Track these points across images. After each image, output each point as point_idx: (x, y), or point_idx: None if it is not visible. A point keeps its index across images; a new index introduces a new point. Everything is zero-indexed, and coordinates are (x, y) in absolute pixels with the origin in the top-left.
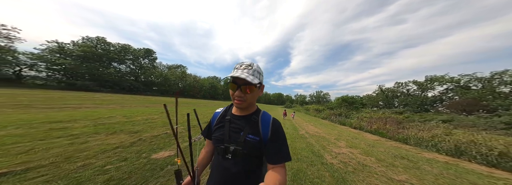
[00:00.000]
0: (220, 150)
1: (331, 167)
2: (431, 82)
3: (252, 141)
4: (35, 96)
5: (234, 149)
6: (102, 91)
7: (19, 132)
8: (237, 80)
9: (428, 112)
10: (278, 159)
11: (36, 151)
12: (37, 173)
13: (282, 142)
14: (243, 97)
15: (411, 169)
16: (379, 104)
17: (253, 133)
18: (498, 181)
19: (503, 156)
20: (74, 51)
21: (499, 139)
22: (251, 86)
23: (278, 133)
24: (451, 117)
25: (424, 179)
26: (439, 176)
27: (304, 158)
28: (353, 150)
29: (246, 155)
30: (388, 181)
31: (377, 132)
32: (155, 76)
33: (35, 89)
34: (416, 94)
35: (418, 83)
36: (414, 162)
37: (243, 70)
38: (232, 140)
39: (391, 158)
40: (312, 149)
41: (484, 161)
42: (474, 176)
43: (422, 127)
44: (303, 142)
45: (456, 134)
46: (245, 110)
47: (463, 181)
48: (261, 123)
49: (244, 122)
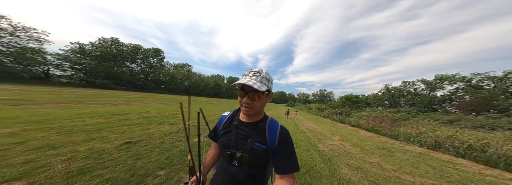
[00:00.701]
0: (227, 156)
1: (322, 153)
2: (440, 81)
3: (259, 149)
4: (74, 94)
5: (241, 156)
6: (117, 89)
7: (102, 120)
8: (245, 87)
9: (436, 112)
10: (286, 169)
11: (128, 133)
12: (143, 144)
13: (290, 151)
14: (250, 104)
15: (385, 156)
16: (385, 104)
17: (260, 141)
18: (451, 165)
19: (470, 148)
20: (93, 52)
21: (473, 135)
22: (259, 93)
23: (286, 142)
24: (459, 117)
25: (390, 162)
26: (404, 160)
27: (301, 147)
28: (344, 143)
29: (252, 163)
30: (362, 161)
31: (373, 129)
32: (163, 74)
33: (64, 87)
34: (424, 93)
35: (426, 82)
36: (391, 152)
37: (251, 77)
38: (239, 146)
39: (374, 148)
40: (309, 141)
41: (454, 152)
42: (434, 161)
43: (414, 125)
44: (302, 136)
45: (439, 131)
46: (253, 117)
47: (420, 163)
48: (268, 131)
49: (251, 129)
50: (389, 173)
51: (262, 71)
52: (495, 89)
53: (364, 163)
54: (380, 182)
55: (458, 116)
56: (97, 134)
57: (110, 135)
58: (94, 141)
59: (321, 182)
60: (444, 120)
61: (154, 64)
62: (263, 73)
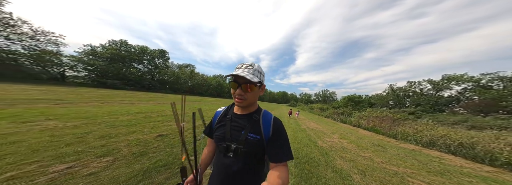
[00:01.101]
0: (222, 148)
1: (320, 148)
2: (448, 81)
3: (253, 139)
4: (93, 94)
5: (236, 147)
6: (126, 89)
7: (131, 117)
8: (238, 79)
9: (443, 112)
10: (280, 157)
11: (156, 128)
12: (172, 137)
13: (284, 141)
14: (243, 95)
15: (378, 151)
16: (390, 104)
17: (254, 132)
18: (437, 159)
19: (460, 146)
20: (103, 53)
21: (465, 134)
22: (251, 85)
23: (280, 132)
24: (466, 118)
25: (381, 156)
26: (394, 155)
27: (302, 143)
28: (342, 140)
29: (247, 154)
30: (355, 155)
31: (372, 129)
32: (168, 75)
33: (79, 87)
34: (430, 94)
35: (433, 82)
36: (385, 148)
37: (243, 69)
38: (233, 138)
39: (369, 145)
40: (309, 138)
41: (446, 149)
42: (423, 156)
43: (412, 125)
44: (303, 134)
45: (434, 130)
46: (246, 109)
47: (409, 158)
48: (262, 121)
49: (245, 120)
50: (377, 164)
51: (254, 65)
52: (505, 89)
53: (357, 156)
54: (367, 170)
55: (465, 117)
56: (134, 128)
57: (144, 129)
58: (135, 133)
59: (318, 169)
60: (451, 121)
61: (159, 65)
62: (255, 66)
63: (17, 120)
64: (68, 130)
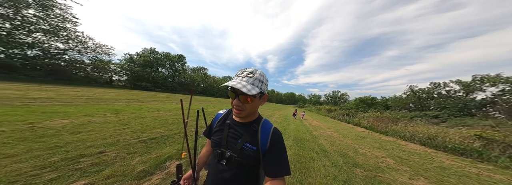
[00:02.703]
0: (216, 154)
1: (313, 135)
2: (481, 82)
3: (249, 150)
4: (141, 96)
5: (230, 155)
6: (155, 90)
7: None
8: (236, 89)
9: (474, 116)
10: (276, 172)
11: (193, 116)
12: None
13: (281, 154)
14: (241, 106)
15: (356, 139)
16: (410, 107)
17: (251, 142)
18: (398, 146)
19: (428, 138)
20: (138, 60)
21: (434, 130)
22: (249, 97)
23: (278, 144)
24: (497, 122)
25: (356, 141)
26: (368, 142)
27: (301, 131)
28: (333, 132)
29: (241, 164)
30: (335, 139)
31: (370, 127)
32: (185, 77)
33: (125, 89)
34: (458, 96)
35: (462, 83)
36: (364, 138)
37: (243, 78)
38: (229, 146)
39: (353, 136)
40: (308, 130)
41: (419, 142)
42: (390, 144)
43: (405, 124)
44: (304, 128)
45: (418, 127)
46: (246, 117)
47: (377, 143)
48: (260, 132)
49: (243, 129)
50: (346, 143)
51: (255, 72)
52: None
53: (336, 140)
54: (335, 144)
55: (496, 122)
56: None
57: None
58: None
59: (306, 142)
60: (481, 125)
61: (178, 68)
62: (256, 74)
63: (137, 111)
64: (166, 115)
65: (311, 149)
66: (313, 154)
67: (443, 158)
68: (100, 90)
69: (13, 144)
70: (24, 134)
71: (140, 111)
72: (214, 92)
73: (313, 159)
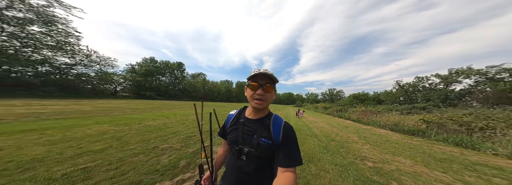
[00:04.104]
0: (235, 151)
1: (308, 127)
2: (457, 75)
3: (265, 144)
4: (153, 104)
5: (248, 151)
6: (159, 99)
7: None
8: (259, 79)
9: (456, 106)
10: (289, 162)
11: None
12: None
13: (293, 146)
14: (264, 95)
15: (342, 128)
16: (400, 100)
17: (265, 137)
18: (369, 131)
19: (395, 125)
20: (139, 70)
21: (400, 118)
22: (273, 86)
23: (290, 137)
24: (471, 111)
25: (341, 130)
26: (350, 130)
27: (299, 124)
28: (325, 125)
29: (259, 157)
30: (324, 129)
31: (357, 120)
32: (186, 84)
33: (130, 99)
34: (440, 88)
35: (441, 77)
36: (348, 128)
37: (264, 71)
38: (246, 142)
39: (340, 127)
40: (305, 124)
41: (388, 128)
42: (367, 131)
43: (381, 115)
44: (302, 122)
45: (391, 117)
46: (258, 114)
47: (354, 129)
48: (272, 126)
49: (257, 125)
50: (333, 132)
51: (268, 70)
52: None
53: (326, 129)
54: (323, 131)
55: (470, 111)
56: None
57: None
58: None
59: (303, 130)
60: (460, 115)
61: (178, 76)
62: (270, 72)
63: (173, 115)
64: (175, 122)
65: (306, 134)
66: (307, 137)
67: (394, 136)
68: (118, 101)
69: (152, 132)
70: (148, 128)
71: (177, 116)
72: (215, 97)
73: (307, 139)
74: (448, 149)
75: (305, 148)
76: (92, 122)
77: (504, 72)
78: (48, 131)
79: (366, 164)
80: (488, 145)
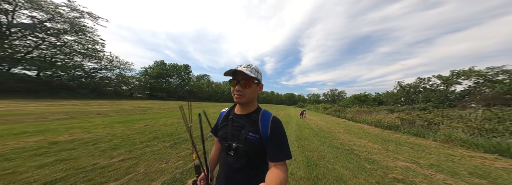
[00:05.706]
0: (224, 147)
1: (307, 124)
2: (457, 76)
3: (252, 138)
4: (171, 105)
5: (236, 146)
6: (170, 100)
7: None
8: (237, 76)
9: (455, 107)
10: (278, 157)
11: None
12: None
13: (282, 140)
14: (242, 91)
15: (335, 125)
16: (401, 101)
17: (253, 131)
18: (357, 127)
19: (379, 122)
20: (152, 73)
21: (384, 116)
22: (250, 81)
23: (278, 131)
24: (470, 112)
25: (333, 126)
26: (341, 126)
27: (300, 122)
28: (322, 122)
29: (247, 152)
30: (321, 125)
31: (352, 119)
32: (192, 86)
33: (145, 100)
34: (440, 89)
35: (442, 78)
36: (339, 124)
37: (242, 68)
38: (235, 138)
39: (334, 124)
40: (305, 121)
41: (374, 125)
42: (355, 127)
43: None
44: (302, 121)
45: (379, 116)
46: (246, 109)
47: (344, 125)
48: (260, 121)
49: (245, 120)
50: (326, 127)
51: (252, 65)
52: (510, 82)
53: (321, 125)
54: (320, 127)
55: (468, 112)
56: None
57: None
58: None
59: (303, 126)
60: (457, 115)
61: (185, 78)
62: (253, 66)
63: None
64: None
65: (305, 127)
66: (305, 129)
67: (372, 130)
68: (143, 102)
69: None
70: None
71: None
72: (219, 98)
73: (305, 130)
74: (404, 137)
75: (303, 134)
76: (160, 116)
77: (503, 74)
78: (148, 120)
79: (338, 141)
80: (431, 134)
